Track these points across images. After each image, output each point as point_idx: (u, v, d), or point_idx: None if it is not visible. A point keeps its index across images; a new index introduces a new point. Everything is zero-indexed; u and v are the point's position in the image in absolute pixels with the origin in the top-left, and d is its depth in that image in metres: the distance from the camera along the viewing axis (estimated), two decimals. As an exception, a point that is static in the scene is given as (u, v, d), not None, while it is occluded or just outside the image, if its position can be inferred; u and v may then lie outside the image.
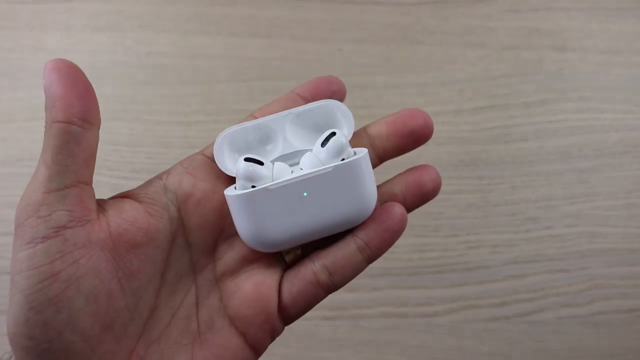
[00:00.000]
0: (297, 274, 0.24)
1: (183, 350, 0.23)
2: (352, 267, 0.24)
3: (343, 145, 0.21)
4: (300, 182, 0.20)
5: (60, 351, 0.21)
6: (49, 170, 0.22)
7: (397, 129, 0.26)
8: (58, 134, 0.22)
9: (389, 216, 0.24)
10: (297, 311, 0.24)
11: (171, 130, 0.53)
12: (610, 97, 0.55)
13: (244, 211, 0.21)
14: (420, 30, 0.57)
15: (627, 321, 0.48)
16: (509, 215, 0.51)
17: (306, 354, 0.46)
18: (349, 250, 0.24)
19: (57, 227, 0.21)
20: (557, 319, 0.48)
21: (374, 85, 0.56)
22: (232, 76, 0.56)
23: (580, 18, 0.57)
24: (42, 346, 0.21)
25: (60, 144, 0.22)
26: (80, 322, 0.21)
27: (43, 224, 0.21)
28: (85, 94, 0.22)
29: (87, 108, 0.22)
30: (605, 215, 0.51)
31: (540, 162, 0.53)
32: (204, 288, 0.25)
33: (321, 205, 0.21)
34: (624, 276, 0.49)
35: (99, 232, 0.22)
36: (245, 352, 0.24)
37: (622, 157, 0.53)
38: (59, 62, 0.22)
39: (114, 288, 0.22)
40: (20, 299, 0.21)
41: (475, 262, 0.49)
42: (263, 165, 0.21)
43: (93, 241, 0.22)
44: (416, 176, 0.26)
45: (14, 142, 0.53)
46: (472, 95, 0.55)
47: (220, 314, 0.24)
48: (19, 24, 0.58)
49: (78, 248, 0.21)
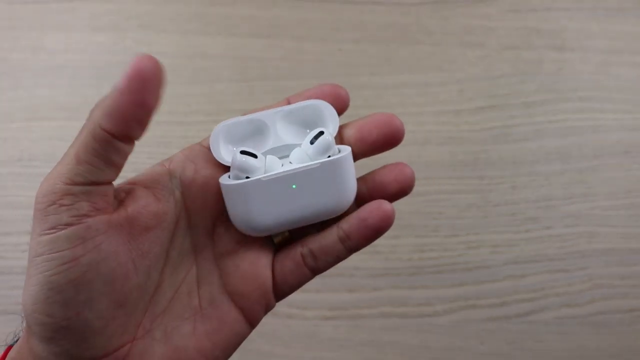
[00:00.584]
0: (287, 255, 0.26)
1: (185, 323, 0.25)
2: (333, 255, 0.25)
3: (329, 144, 0.24)
4: (290, 175, 0.23)
5: (76, 328, 0.22)
6: (79, 165, 0.22)
7: (363, 135, 0.26)
8: (99, 139, 0.22)
9: (371, 214, 0.25)
10: (288, 288, 0.26)
11: (171, 130, 0.53)
12: (610, 97, 0.55)
13: (237, 199, 0.23)
14: (420, 30, 0.57)
15: (627, 321, 0.48)
16: (509, 215, 0.51)
17: (306, 354, 0.46)
18: (331, 240, 0.25)
19: (80, 216, 0.22)
20: (557, 319, 0.48)
21: (374, 85, 0.56)
22: (232, 76, 0.56)
23: (580, 18, 0.57)
24: (60, 323, 0.22)
25: (97, 148, 0.22)
26: (98, 302, 0.22)
27: (66, 211, 0.22)
28: (145, 109, 0.21)
29: (138, 126, 0.22)
30: (605, 215, 0.51)
31: (540, 162, 0.53)
32: (205, 266, 0.26)
33: (307, 197, 0.23)
34: (623, 276, 0.49)
35: (117, 218, 0.23)
36: (242, 324, 0.26)
37: (621, 157, 0.53)
38: (142, 62, 0.21)
39: (129, 269, 0.23)
40: (40, 279, 0.22)
41: (475, 262, 0.49)
42: (257, 158, 0.23)
43: (113, 227, 0.23)
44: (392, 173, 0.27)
45: (13, 142, 0.53)
46: (472, 95, 0.55)
47: (220, 290, 0.26)
48: (19, 24, 0.58)
49: (99, 234, 0.22)
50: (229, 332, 0.25)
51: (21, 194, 0.51)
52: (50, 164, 0.52)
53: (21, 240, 0.49)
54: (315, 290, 0.47)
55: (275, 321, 0.46)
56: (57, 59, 0.57)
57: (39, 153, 0.52)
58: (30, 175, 0.51)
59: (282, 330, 0.46)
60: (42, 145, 0.53)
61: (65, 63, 0.57)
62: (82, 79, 0.56)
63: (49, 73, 0.56)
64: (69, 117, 0.54)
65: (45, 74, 0.56)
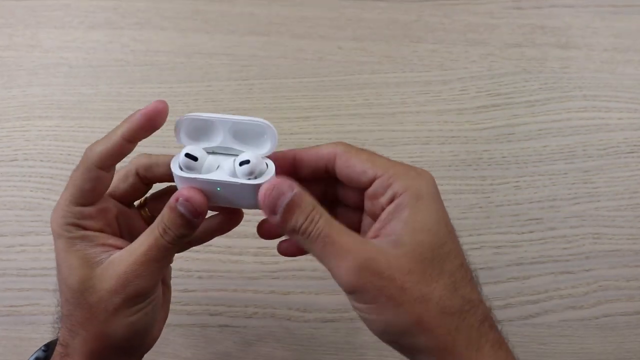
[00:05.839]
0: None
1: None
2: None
3: (252, 170, 0.29)
4: (217, 182, 0.30)
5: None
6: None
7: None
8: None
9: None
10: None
11: (169, 129, 0.52)
12: (615, 95, 0.54)
13: (179, 183, 0.31)
14: (421, 28, 0.57)
15: (633, 323, 0.47)
16: (512, 216, 0.50)
17: (306, 357, 0.46)
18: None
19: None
20: (562, 321, 0.47)
21: (374, 84, 0.56)
22: (231, 74, 0.56)
23: (585, 15, 0.56)
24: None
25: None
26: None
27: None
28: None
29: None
30: (610, 216, 0.51)
31: (544, 161, 0.52)
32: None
33: (223, 196, 0.30)
34: (629, 277, 0.49)
35: None
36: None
37: (627, 156, 0.53)
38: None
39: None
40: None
41: (478, 263, 0.49)
42: (197, 160, 0.30)
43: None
44: None
45: (8, 142, 0.52)
46: (475, 93, 0.55)
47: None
48: (14, 21, 0.57)
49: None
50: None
51: (15, 194, 0.50)
52: (45, 164, 0.52)
53: (15, 241, 0.48)
54: (315, 293, 0.47)
55: (274, 323, 0.46)
56: (52, 57, 0.56)
57: (33, 153, 0.52)
58: (25, 176, 0.51)
59: (281, 333, 0.46)
60: (36, 145, 0.52)
61: (60, 61, 0.56)
62: (77, 77, 0.55)
63: (44, 71, 0.55)
64: (65, 115, 0.53)
65: (40, 72, 0.55)
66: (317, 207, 0.27)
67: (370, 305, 0.27)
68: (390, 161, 0.30)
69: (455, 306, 0.26)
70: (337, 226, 0.27)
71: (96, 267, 0.29)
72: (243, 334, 0.45)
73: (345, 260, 0.26)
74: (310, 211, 0.27)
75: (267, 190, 0.27)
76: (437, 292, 0.26)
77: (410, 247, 0.27)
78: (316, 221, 0.27)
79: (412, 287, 0.26)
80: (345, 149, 0.30)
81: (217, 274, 0.47)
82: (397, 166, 0.29)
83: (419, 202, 0.28)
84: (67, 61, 0.56)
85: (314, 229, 0.27)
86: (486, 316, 0.28)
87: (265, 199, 0.27)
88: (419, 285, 0.26)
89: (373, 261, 0.26)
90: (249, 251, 0.48)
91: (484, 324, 0.27)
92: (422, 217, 0.27)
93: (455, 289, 0.27)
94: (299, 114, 0.54)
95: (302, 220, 0.27)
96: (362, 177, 0.29)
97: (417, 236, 0.27)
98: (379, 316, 0.27)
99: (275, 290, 0.47)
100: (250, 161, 0.29)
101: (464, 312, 0.27)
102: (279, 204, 0.27)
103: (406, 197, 0.28)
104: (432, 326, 0.26)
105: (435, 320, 0.26)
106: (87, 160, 0.29)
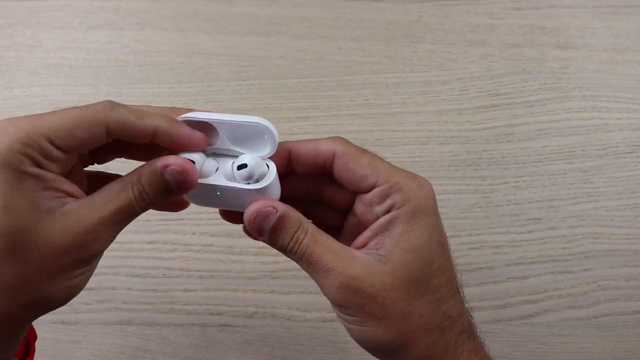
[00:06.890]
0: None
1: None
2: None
3: (251, 174, 0.28)
4: (216, 186, 0.29)
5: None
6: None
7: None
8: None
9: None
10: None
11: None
12: (615, 95, 0.54)
13: None
14: (421, 28, 0.57)
15: (632, 323, 0.47)
16: (511, 216, 0.50)
17: (306, 357, 0.46)
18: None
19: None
20: (561, 320, 0.47)
21: (374, 84, 0.56)
22: (231, 75, 0.56)
23: (584, 16, 0.56)
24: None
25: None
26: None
27: None
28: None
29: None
30: (609, 216, 0.51)
31: (544, 161, 0.52)
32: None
33: (223, 200, 0.30)
34: (628, 277, 0.49)
35: None
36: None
37: (626, 156, 0.53)
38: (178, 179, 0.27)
39: None
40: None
41: (478, 263, 0.49)
42: (194, 163, 0.29)
43: None
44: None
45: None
46: (475, 94, 0.55)
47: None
48: (14, 22, 0.57)
49: None
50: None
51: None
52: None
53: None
54: (315, 293, 0.47)
55: (275, 323, 0.46)
56: (53, 57, 0.56)
57: (34, 153, 0.52)
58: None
59: (281, 332, 0.46)
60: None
61: (61, 61, 0.56)
62: (78, 78, 0.55)
63: (44, 71, 0.55)
64: (65, 116, 0.53)
65: (40, 72, 0.55)
66: (303, 225, 0.28)
67: (353, 318, 0.27)
68: (392, 168, 0.29)
69: (436, 322, 0.27)
70: (323, 242, 0.28)
71: (44, 215, 0.24)
72: (243, 333, 0.45)
73: (327, 279, 0.27)
74: (295, 232, 0.28)
75: (251, 217, 0.28)
76: (419, 310, 0.27)
77: (398, 265, 0.27)
78: (300, 241, 0.27)
79: (393, 304, 0.26)
80: (344, 149, 0.29)
81: (217, 273, 0.47)
82: (399, 175, 0.28)
83: (414, 220, 0.28)
84: (68, 61, 0.56)
85: (298, 249, 0.27)
86: (465, 328, 0.28)
87: (250, 225, 0.28)
88: (400, 303, 0.26)
89: (355, 280, 0.27)
90: (249, 251, 0.48)
91: (461, 336, 0.28)
92: (415, 235, 0.27)
93: (439, 305, 0.27)
94: (299, 114, 0.54)
95: (287, 240, 0.28)
96: (362, 182, 0.29)
97: (406, 255, 0.27)
98: (360, 328, 0.27)
99: (276, 290, 0.47)
100: (248, 165, 0.29)
101: (444, 328, 0.27)
102: (264, 227, 0.28)
103: (403, 212, 0.28)
104: (410, 341, 0.27)
105: (415, 335, 0.27)
106: (101, 113, 0.25)
